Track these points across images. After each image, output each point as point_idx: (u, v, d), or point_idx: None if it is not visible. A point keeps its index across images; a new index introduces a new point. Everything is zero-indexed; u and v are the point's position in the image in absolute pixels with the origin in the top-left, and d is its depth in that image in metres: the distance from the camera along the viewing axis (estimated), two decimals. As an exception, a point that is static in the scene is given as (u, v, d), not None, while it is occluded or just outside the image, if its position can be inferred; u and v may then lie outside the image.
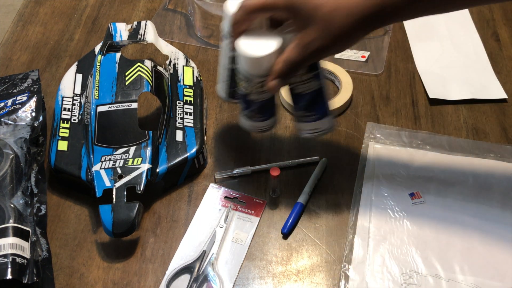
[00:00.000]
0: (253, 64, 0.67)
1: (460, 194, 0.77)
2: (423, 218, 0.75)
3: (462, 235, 0.73)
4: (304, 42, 0.64)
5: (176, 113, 0.82)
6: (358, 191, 0.78)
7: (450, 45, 0.99)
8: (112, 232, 0.70)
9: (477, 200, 0.76)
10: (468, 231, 0.73)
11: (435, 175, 0.79)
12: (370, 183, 0.78)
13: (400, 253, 0.71)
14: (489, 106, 0.89)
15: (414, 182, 0.78)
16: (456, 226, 0.74)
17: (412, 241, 0.72)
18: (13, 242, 0.65)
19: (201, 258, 0.71)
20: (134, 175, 0.74)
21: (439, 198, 0.77)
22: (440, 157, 0.81)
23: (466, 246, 0.72)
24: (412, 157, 0.81)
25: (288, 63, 0.66)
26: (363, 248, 0.72)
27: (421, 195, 0.77)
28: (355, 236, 0.73)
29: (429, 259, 0.71)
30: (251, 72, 0.68)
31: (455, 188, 0.77)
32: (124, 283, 0.70)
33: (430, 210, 0.75)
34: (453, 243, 0.72)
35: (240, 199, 0.77)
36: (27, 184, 0.74)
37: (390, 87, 0.92)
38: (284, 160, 0.82)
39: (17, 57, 0.98)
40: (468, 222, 0.74)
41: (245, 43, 0.67)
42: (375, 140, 0.83)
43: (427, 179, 0.79)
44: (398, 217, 0.75)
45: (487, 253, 0.71)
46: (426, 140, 0.84)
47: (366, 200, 0.77)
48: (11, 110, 0.79)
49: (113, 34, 0.88)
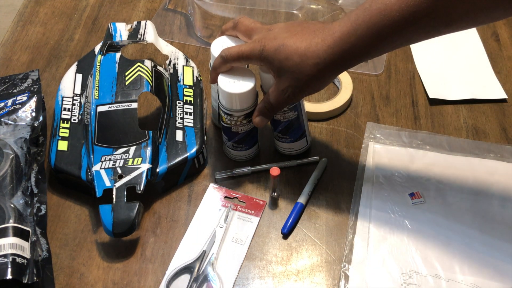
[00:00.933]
0: (232, 100, 0.73)
1: (460, 193, 0.77)
2: (423, 218, 0.75)
3: (462, 235, 0.73)
4: (280, 88, 0.70)
5: (176, 113, 0.82)
6: (358, 191, 0.78)
7: (450, 45, 0.99)
8: (112, 232, 0.70)
9: (477, 200, 0.76)
10: (468, 231, 0.73)
11: (435, 175, 0.79)
12: (370, 183, 0.78)
13: (400, 253, 0.71)
14: (489, 106, 0.89)
15: (414, 182, 0.78)
16: (456, 226, 0.74)
17: (412, 241, 0.72)
18: (13, 242, 0.65)
19: (201, 258, 0.71)
20: (134, 175, 0.74)
21: (439, 198, 0.77)
22: (440, 157, 0.81)
23: (466, 246, 0.72)
24: (412, 157, 0.81)
25: (268, 104, 0.73)
26: (363, 248, 0.72)
27: (421, 195, 0.77)
28: (355, 236, 0.73)
29: (429, 259, 0.71)
30: (230, 107, 0.74)
31: (455, 188, 0.78)
32: (124, 283, 0.70)
33: (430, 210, 0.75)
34: (453, 243, 0.72)
35: (240, 199, 0.77)
36: (27, 184, 0.74)
37: (390, 87, 0.93)
38: (284, 160, 0.82)
39: (17, 57, 0.98)
40: (468, 222, 0.74)
41: (224, 80, 0.73)
42: (375, 140, 0.83)
43: (427, 179, 0.79)
44: (398, 217, 0.75)
45: (487, 253, 0.71)
46: (426, 140, 0.84)
47: (366, 200, 0.77)
48: (11, 110, 0.79)
49: (113, 34, 0.88)
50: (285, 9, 1.03)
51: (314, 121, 0.87)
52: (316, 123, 0.87)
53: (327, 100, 0.88)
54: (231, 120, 0.76)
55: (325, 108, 0.87)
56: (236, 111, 0.74)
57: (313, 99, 0.90)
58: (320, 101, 0.89)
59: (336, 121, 0.87)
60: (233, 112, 0.74)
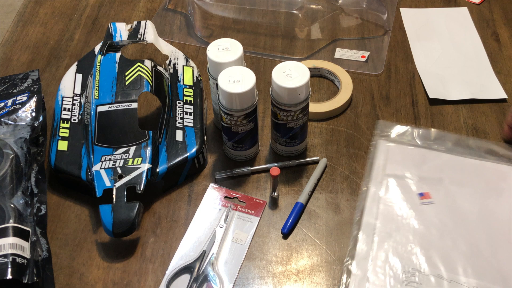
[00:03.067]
0: (232, 100, 0.73)
1: (470, 197, 0.76)
2: (431, 218, 0.74)
3: (468, 238, 0.72)
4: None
5: (176, 113, 0.82)
6: (365, 187, 0.78)
7: (450, 45, 0.99)
8: (112, 232, 0.70)
9: (487, 205, 0.76)
10: (475, 234, 0.73)
11: (446, 176, 0.79)
12: (378, 180, 0.78)
13: (404, 251, 0.71)
14: (488, 106, 0.89)
15: (425, 183, 0.78)
16: (463, 229, 0.73)
17: (418, 240, 0.72)
18: (13, 242, 0.65)
19: (201, 258, 0.71)
20: (134, 175, 0.74)
21: (448, 200, 0.76)
22: (453, 160, 0.81)
23: (472, 249, 0.71)
24: (424, 158, 0.81)
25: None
26: (367, 244, 0.72)
27: (430, 196, 0.77)
28: (359, 232, 0.73)
29: (433, 259, 0.71)
30: (230, 107, 0.74)
31: (465, 191, 0.77)
32: (124, 283, 0.70)
33: (438, 211, 0.75)
34: (459, 245, 0.72)
35: (240, 199, 0.78)
36: (27, 184, 0.74)
37: (390, 87, 0.93)
38: (284, 160, 0.82)
39: (17, 57, 0.98)
40: (475, 226, 0.74)
41: (224, 80, 0.73)
42: (386, 138, 0.83)
43: (438, 180, 0.78)
44: (405, 215, 0.75)
45: (492, 257, 0.71)
46: (438, 139, 0.83)
47: (374, 197, 0.77)
48: (11, 110, 0.79)
49: (113, 34, 0.88)
50: (285, 9, 1.03)
51: (314, 121, 0.87)
52: (316, 123, 0.87)
53: (327, 100, 0.88)
54: (231, 120, 0.76)
55: (325, 108, 0.87)
56: (236, 111, 0.74)
57: (313, 99, 0.90)
58: (320, 101, 0.89)
59: (336, 121, 0.87)
60: (233, 112, 0.74)
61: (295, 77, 0.73)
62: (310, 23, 1.01)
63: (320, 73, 0.94)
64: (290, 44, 0.99)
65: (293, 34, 1.00)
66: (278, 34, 1.01)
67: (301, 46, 0.99)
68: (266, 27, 1.02)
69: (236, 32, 1.01)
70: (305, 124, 0.79)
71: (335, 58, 0.96)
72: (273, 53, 0.98)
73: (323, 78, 0.94)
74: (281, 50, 0.98)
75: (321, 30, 1.00)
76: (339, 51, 0.98)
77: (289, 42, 1.00)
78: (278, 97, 0.74)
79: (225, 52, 0.76)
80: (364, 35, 1.00)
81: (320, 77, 0.94)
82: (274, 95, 0.75)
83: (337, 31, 1.00)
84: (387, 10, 1.03)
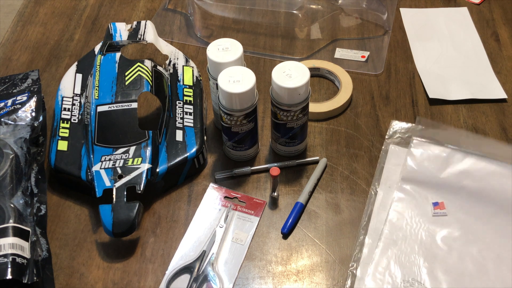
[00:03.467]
0: (232, 100, 0.73)
1: (485, 214, 0.72)
2: (440, 232, 0.72)
3: (476, 257, 0.70)
4: None
5: (176, 113, 0.82)
6: (373, 192, 0.77)
7: (450, 45, 0.99)
8: (112, 232, 0.70)
9: (505, 226, 0.72)
10: (485, 254, 0.70)
11: (466, 185, 0.75)
12: (387, 185, 0.77)
13: (407, 260, 0.70)
14: (488, 106, 0.89)
15: (441, 191, 0.75)
16: (473, 247, 0.71)
17: (422, 251, 0.71)
18: (13, 242, 0.65)
19: (201, 258, 0.71)
20: (134, 175, 0.74)
21: (462, 215, 0.73)
22: (479, 164, 0.77)
23: (479, 269, 0.69)
24: (446, 163, 0.78)
25: None
26: (371, 249, 0.71)
27: (444, 206, 0.74)
28: (366, 236, 0.73)
29: (435, 272, 0.69)
30: (230, 107, 0.74)
31: (483, 204, 0.73)
32: (124, 283, 0.70)
33: (449, 225, 0.72)
34: (465, 263, 0.69)
35: (240, 199, 0.78)
36: (27, 184, 0.74)
37: (390, 87, 0.93)
38: (284, 160, 0.82)
39: (17, 57, 0.98)
40: (486, 246, 0.71)
41: (224, 80, 0.73)
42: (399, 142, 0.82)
43: (457, 189, 0.75)
44: (415, 225, 0.73)
45: (498, 279, 0.68)
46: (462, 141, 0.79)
47: (383, 202, 0.75)
48: (11, 110, 0.79)
49: (113, 34, 0.88)
50: (285, 9, 1.03)
51: (314, 121, 0.87)
52: (316, 123, 0.87)
53: (327, 100, 0.88)
54: (231, 120, 0.76)
55: (325, 108, 0.87)
56: (236, 111, 0.74)
57: (313, 99, 0.90)
58: (320, 101, 0.89)
59: (336, 121, 0.88)
60: (233, 112, 0.75)
61: (295, 77, 0.73)
62: (310, 23, 1.01)
63: (320, 73, 0.94)
64: (290, 44, 0.99)
65: (293, 34, 1.01)
66: (278, 34, 1.01)
67: (301, 46, 0.99)
68: (266, 27, 1.02)
69: (236, 32, 1.01)
70: (305, 124, 0.79)
71: (335, 58, 0.96)
72: (273, 53, 0.98)
73: (323, 78, 0.94)
74: (281, 50, 0.99)
75: (321, 30, 1.00)
76: (339, 51, 0.98)
77: (289, 42, 1.00)
78: (278, 97, 0.74)
79: (225, 52, 0.76)
80: (364, 35, 1.00)
81: (320, 77, 0.94)
82: (274, 95, 0.75)
83: (337, 31, 1.00)
84: (387, 10, 1.03)
